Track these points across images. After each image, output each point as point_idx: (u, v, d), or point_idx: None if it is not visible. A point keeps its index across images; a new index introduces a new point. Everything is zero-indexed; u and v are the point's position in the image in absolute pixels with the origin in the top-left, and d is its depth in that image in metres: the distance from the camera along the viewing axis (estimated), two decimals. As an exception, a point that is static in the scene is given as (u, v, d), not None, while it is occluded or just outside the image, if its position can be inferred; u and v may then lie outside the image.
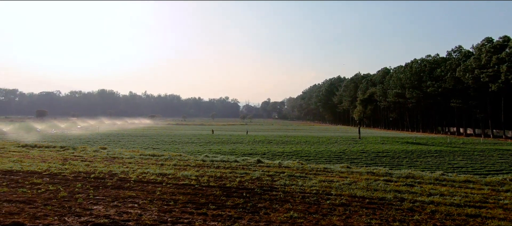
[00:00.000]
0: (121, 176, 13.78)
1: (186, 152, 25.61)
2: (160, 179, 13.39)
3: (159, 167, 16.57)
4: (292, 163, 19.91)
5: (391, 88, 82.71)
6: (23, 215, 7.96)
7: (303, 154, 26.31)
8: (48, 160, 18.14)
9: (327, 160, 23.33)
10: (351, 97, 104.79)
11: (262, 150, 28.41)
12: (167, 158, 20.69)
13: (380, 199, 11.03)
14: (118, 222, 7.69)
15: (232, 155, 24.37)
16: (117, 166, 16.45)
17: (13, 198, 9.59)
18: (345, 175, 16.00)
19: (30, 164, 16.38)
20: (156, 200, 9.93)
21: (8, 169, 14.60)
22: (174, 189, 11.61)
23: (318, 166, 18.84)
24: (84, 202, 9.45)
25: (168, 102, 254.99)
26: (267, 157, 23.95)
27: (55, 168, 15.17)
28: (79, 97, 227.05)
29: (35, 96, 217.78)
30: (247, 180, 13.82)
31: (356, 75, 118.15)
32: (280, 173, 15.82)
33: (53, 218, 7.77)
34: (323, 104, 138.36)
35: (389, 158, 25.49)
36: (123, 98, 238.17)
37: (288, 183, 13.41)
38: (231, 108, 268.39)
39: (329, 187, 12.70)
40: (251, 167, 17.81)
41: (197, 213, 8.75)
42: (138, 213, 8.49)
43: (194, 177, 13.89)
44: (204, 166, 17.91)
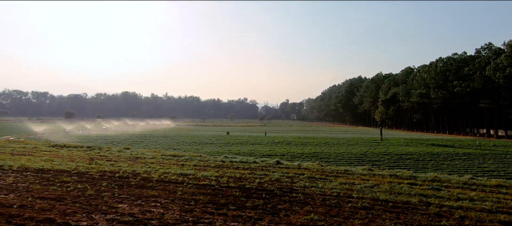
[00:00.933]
0: (144, 175, 14.17)
1: (206, 153, 25.96)
2: (181, 179, 13.64)
3: (180, 168, 16.89)
4: (312, 164, 19.68)
5: (414, 88, 79.88)
6: (54, 211, 8.38)
7: (323, 156, 25.94)
8: (76, 160, 18.98)
9: (347, 162, 22.87)
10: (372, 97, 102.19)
11: (281, 152, 28.29)
12: (188, 159, 21.07)
13: (404, 203, 10.67)
14: (142, 220, 7.92)
15: (251, 156, 24.44)
16: (140, 166, 16.94)
17: (45, 195, 10.11)
18: (366, 178, 15.61)
19: (60, 163, 17.20)
20: (177, 200, 10.14)
21: (40, 167, 15.41)
22: (194, 189, 11.80)
23: (338, 168, 18.51)
24: (109, 200, 9.81)
25: (188, 103, 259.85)
26: (286, 159, 23.82)
27: (82, 167, 15.84)
28: (104, 99, 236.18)
29: (64, 98, 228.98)
30: (267, 181, 13.80)
31: (377, 75, 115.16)
32: (299, 175, 15.68)
33: (81, 215, 8.12)
34: (343, 105, 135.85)
35: (413, 160, 24.62)
36: (145, 100, 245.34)
37: (308, 185, 13.26)
38: (250, 109, 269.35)
39: (350, 190, 12.43)
40: (270, 169, 17.78)
41: (218, 213, 8.84)
42: (161, 212, 8.69)
43: (214, 178, 14.05)
44: (223, 166, 18.08)
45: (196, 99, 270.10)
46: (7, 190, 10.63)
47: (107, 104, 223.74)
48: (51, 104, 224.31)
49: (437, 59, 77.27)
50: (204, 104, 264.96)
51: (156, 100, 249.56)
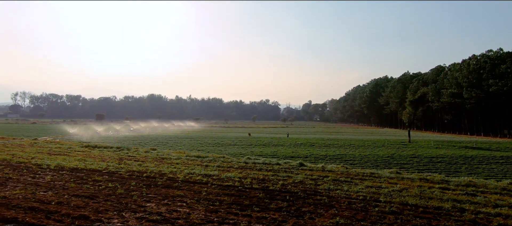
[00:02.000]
0: (169, 176, 14.57)
1: (229, 154, 26.23)
2: (206, 179, 13.88)
3: (204, 168, 17.19)
4: (336, 167, 19.29)
5: (445, 87, 76.05)
6: (88, 209, 8.83)
7: (348, 158, 25.35)
8: (107, 160, 19.87)
9: (373, 165, 22.18)
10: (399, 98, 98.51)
11: (304, 153, 27.98)
12: (211, 160, 21.39)
13: (435, 208, 10.17)
14: (169, 219, 8.15)
15: (273, 157, 24.38)
16: (166, 166, 17.43)
17: (79, 193, 10.68)
18: (394, 181, 15.05)
19: (92, 162, 18.10)
20: (202, 200, 10.32)
21: (74, 167, 16.30)
22: (219, 190, 11.96)
23: (364, 171, 18.00)
24: (138, 199, 10.17)
25: (211, 105, 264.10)
26: (309, 161, 23.52)
27: (112, 167, 16.55)
28: (132, 102, 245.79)
29: (95, 101, 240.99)
30: (290, 183, 13.71)
31: (404, 74, 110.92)
32: (323, 177, 15.43)
33: (113, 213, 8.50)
34: (368, 106, 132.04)
35: (444, 164, 23.42)
36: (170, 102, 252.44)
37: (333, 187, 13.01)
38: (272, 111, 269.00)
39: (377, 194, 12.05)
40: (294, 170, 17.63)
41: (242, 214, 8.90)
42: (187, 212, 8.89)
43: (238, 179, 14.16)
44: (246, 168, 18.17)
45: (219, 101, 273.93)
46: (45, 188, 11.34)
47: (134, 106, 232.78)
48: (83, 106, 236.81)
49: (470, 56, 73.12)
50: (227, 106, 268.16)
51: (180, 102, 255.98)
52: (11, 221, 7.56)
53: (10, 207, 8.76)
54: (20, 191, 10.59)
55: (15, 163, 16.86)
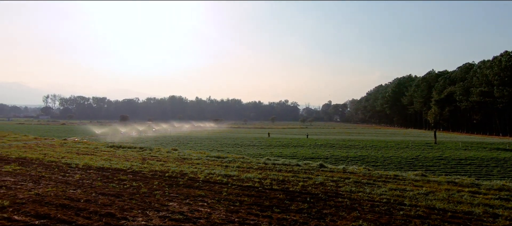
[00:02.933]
0: (190, 176, 14.83)
1: (248, 155, 26.32)
2: (226, 180, 14.00)
3: (224, 169, 17.35)
4: (358, 168, 18.84)
5: (474, 86, 72.34)
6: (114, 207, 9.16)
7: (370, 160, 24.71)
8: (130, 159, 20.53)
9: (397, 167, 21.48)
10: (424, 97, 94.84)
11: (324, 154, 27.57)
12: (231, 160, 21.55)
13: (465, 213, 9.69)
14: (191, 219, 8.29)
15: (293, 158, 24.20)
16: (187, 166, 17.75)
17: (106, 192, 11.10)
18: (420, 184, 14.50)
19: (117, 162, 18.76)
20: (223, 200, 10.42)
21: (101, 166, 16.98)
22: (239, 191, 12.02)
23: (387, 173, 17.47)
24: (161, 198, 10.43)
25: (230, 106, 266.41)
26: (330, 162, 23.15)
27: (136, 166, 17.08)
28: (154, 103, 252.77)
29: (119, 103, 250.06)
30: (310, 184, 13.55)
31: (429, 73, 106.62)
32: (345, 179, 15.13)
33: (137, 211, 8.76)
34: (390, 106, 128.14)
35: (474, 166, 22.27)
36: (190, 103, 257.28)
37: (355, 189, 12.73)
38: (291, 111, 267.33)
39: (401, 197, 11.65)
40: (314, 172, 17.42)
41: (262, 215, 8.89)
42: (208, 211, 9.01)
43: (257, 180, 14.18)
44: (266, 169, 18.15)
45: (238, 102, 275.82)
46: (75, 186, 11.89)
47: (156, 108, 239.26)
48: (108, 108, 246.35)
49: (502, 53, 69.12)
50: (246, 107, 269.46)
51: (200, 103, 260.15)
52: (44, 217, 7.98)
53: (43, 203, 9.25)
54: (52, 189, 11.16)
55: (47, 162, 17.79)
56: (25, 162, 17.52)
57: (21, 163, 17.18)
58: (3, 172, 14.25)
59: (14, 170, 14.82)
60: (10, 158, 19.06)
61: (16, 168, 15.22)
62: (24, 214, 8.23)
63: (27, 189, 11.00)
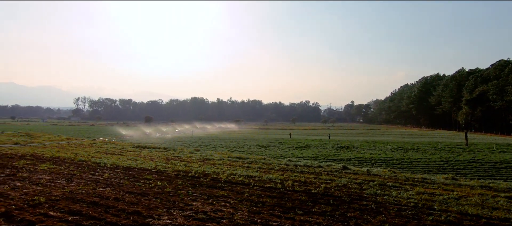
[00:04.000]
0: (213, 176, 15.02)
1: (270, 156, 26.27)
2: (247, 181, 14.05)
3: (246, 169, 17.43)
4: (383, 171, 18.26)
5: (510, 84, 67.93)
6: (141, 205, 9.47)
7: (395, 162, 23.86)
8: (155, 159, 21.14)
9: (425, 170, 20.58)
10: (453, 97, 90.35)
11: (347, 156, 26.96)
12: (252, 161, 21.62)
13: (502, 220, 9.11)
14: (214, 219, 8.40)
15: (315, 160, 23.87)
16: (209, 167, 18.01)
17: (133, 190, 11.50)
18: (450, 188, 13.81)
19: (142, 162, 19.39)
20: (245, 201, 10.47)
21: (127, 165, 17.61)
22: (260, 192, 12.03)
23: (414, 176, 16.79)
24: (185, 198, 10.65)
25: (251, 107, 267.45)
26: (353, 164, 22.61)
27: (160, 166, 17.56)
28: (176, 105, 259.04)
29: (144, 104, 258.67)
30: (333, 186, 13.30)
31: (459, 71, 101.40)
32: (369, 181, 14.71)
33: (162, 210, 9.00)
34: (416, 106, 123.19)
35: (511, 170, 20.88)
36: (211, 105, 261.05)
37: (380, 192, 12.34)
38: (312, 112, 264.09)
39: (430, 201, 11.15)
40: (337, 174, 17.09)
41: (285, 217, 8.84)
42: (231, 212, 9.09)
43: (279, 181, 14.12)
44: (287, 170, 18.04)
45: (259, 103, 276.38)
46: (104, 184, 12.41)
47: (178, 109, 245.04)
48: (134, 110, 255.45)
49: (541, 49, 64.35)
50: (266, 108, 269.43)
51: (221, 104, 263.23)
52: (76, 214, 8.40)
53: (76, 201, 9.74)
54: (83, 187, 11.72)
55: (78, 161, 18.72)
56: (58, 161, 18.52)
57: (54, 162, 18.19)
58: (39, 170, 15.16)
59: (49, 168, 15.72)
60: (45, 157, 20.24)
61: (51, 167, 16.13)
62: (58, 210, 8.70)
63: (60, 187, 11.62)
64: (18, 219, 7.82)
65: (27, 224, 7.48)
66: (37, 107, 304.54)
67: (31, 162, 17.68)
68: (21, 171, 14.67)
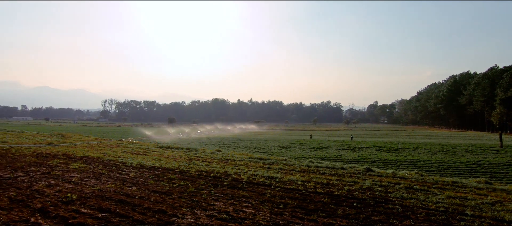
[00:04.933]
0: (234, 176, 15.14)
1: (291, 157, 26.09)
2: (268, 182, 14.03)
3: (267, 171, 17.42)
4: (409, 173, 17.59)
5: (550, 82, 63.24)
6: (165, 204, 9.73)
7: (422, 164, 22.91)
8: (178, 160, 21.63)
9: (455, 173, 19.60)
10: (486, 96, 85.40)
11: (371, 158, 26.23)
12: (273, 162, 21.57)
13: (543, 228, 8.47)
14: (236, 219, 8.46)
15: (337, 161, 23.43)
16: (230, 167, 18.17)
17: (157, 189, 11.84)
18: (483, 193, 13.05)
19: (166, 162, 19.90)
20: (266, 202, 10.46)
21: (152, 165, 18.15)
22: (282, 193, 11.97)
23: (443, 179, 16.03)
24: (207, 197, 10.82)
25: (271, 108, 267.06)
26: (377, 166, 21.96)
27: (183, 166, 17.94)
28: (198, 106, 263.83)
29: (167, 106, 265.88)
30: (357, 189, 12.98)
31: (491, 69, 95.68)
32: (394, 184, 14.22)
33: (186, 209, 9.20)
34: (445, 106, 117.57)
35: (552, 174, 19.39)
36: (232, 106, 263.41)
37: (406, 196, 11.89)
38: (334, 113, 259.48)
39: (462, 206, 10.60)
40: (360, 176, 16.67)
41: (307, 219, 8.74)
42: (252, 212, 9.12)
43: (301, 182, 13.98)
44: (309, 171, 17.83)
45: (279, 103, 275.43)
46: (130, 183, 12.87)
47: (200, 110, 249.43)
48: (157, 111, 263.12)
49: None
50: (287, 109, 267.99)
51: (242, 105, 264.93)
52: (105, 211, 8.78)
53: (105, 198, 10.17)
54: (111, 185, 12.22)
55: (106, 161, 19.54)
56: (88, 160, 19.44)
57: (85, 161, 19.11)
58: (71, 169, 15.98)
59: (80, 167, 16.54)
60: (76, 156, 21.31)
61: (81, 166, 16.97)
62: (89, 207, 9.13)
63: (90, 185, 12.19)
64: (53, 215, 8.29)
65: (61, 220, 7.91)
66: (68, 109, 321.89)
67: (63, 161, 18.68)
68: (55, 169, 15.53)
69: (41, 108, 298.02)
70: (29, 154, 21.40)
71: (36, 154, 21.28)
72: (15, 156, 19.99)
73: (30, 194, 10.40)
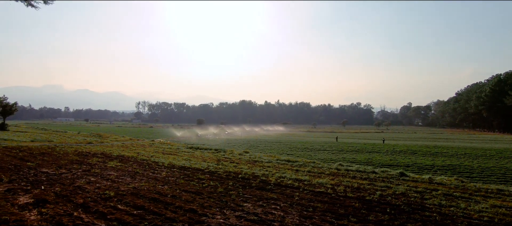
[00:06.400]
0: (262, 178, 15.16)
1: (319, 160, 25.63)
2: (297, 184, 13.88)
3: (295, 173, 17.24)
4: (448, 179, 16.54)
5: None
6: (195, 203, 9.97)
7: (463, 170, 21.44)
8: (207, 160, 22.10)
9: (501, 180, 18.11)
10: (536, 96, 78.03)
11: (405, 162, 25.02)
12: (301, 165, 21.31)
13: None
14: (265, 221, 8.46)
15: (368, 165, 22.63)
16: (258, 169, 18.22)
17: (188, 189, 12.17)
18: (535, 203, 11.91)
19: (195, 162, 20.41)
20: (295, 205, 10.35)
21: (182, 165, 18.70)
22: (311, 196, 11.78)
23: (487, 187, 14.88)
24: (236, 198, 10.93)
25: (299, 109, 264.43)
26: (411, 170, 20.91)
27: (212, 167, 18.29)
28: (226, 108, 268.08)
29: (196, 108, 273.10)
30: (390, 194, 12.44)
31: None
32: (431, 190, 13.45)
33: (215, 209, 9.36)
34: (488, 107, 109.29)
35: None
36: (259, 107, 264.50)
37: (445, 203, 11.18)
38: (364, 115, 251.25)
39: (509, 216, 9.76)
40: (393, 180, 15.96)
41: (338, 223, 8.52)
42: (281, 215, 9.06)
43: (330, 186, 13.67)
44: (338, 175, 17.40)
45: (307, 105, 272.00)
46: (162, 182, 13.36)
47: (227, 112, 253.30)
48: (187, 112, 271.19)
49: None
50: (315, 110, 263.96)
51: (269, 107, 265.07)
52: (140, 208, 9.18)
53: (139, 196, 10.65)
54: (145, 184, 12.76)
55: (140, 160, 20.46)
56: (124, 159, 20.47)
57: (120, 160, 20.14)
58: (108, 167, 16.92)
59: (116, 166, 17.46)
60: (112, 155, 22.54)
61: (117, 164, 17.91)
62: (125, 204, 9.60)
63: (126, 183, 12.82)
64: (93, 210, 8.82)
65: (100, 215, 8.39)
66: (105, 110, 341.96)
67: (101, 159, 19.84)
68: (94, 167, 16.53)
69: (81, 109, 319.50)
70: (71, 152, 22.98)
71: (77, 153, 22.80)
72: (59, 154, 21.57)
73: (73, 190, 11.15)
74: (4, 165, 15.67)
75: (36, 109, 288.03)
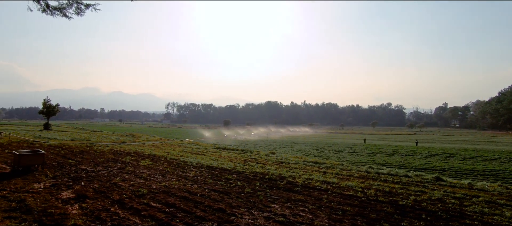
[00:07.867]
0: (289, 179, 15.05)
1: (347, 162, 24.98)
2: (325, 187, 13.62)
3: (322, 175, 16.93)
4: (490, 185, 15.40)
5: None
6: (224, 203, 10.12)
7: (507, 176, 19.88)
8: (234, 160, 22.35)
9: (552, 187, 16.52)
10: None
11: (441, 166, 23.65)
12: (329, 167, 20.88)
13: None
14: (294, 223, 8.39)
15: (400, 168, 21.67)
16: (285, 170, 18.11)
17: (216, 188, 12.39)
18: None
19: (223, 162, 20.72)
20: (324, 208, 10.16)
21: (210, 165, 19.07)
22: (340, 199, 11.51)
23: (536, 194, 13.64)
24: (263, 199, 10.95)
25: (326, 110, 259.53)
26: (448, 175, 19.73)
27: (239, 167, 18.46)
28: (252, 108, 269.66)
29: (223, 108, 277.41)
30: (425, 199, 11.81)
31: None
32: (472, 197, 12.59)
33: (243, 209, 9.44)
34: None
35: None
36: (285, 108, 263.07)
37: (487, 211, 10.42)
38: (395, 116, 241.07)
39: None
40: (428, 185, 15.14)
41: (369, 228, 8.24)
42: (310, 217, 8.94)
43: (360, 189, 13.27)
44: (368, 178, 16.83)
45: (334, 106, 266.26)
46: (191, 181, 13.71)
47: (253, 112, 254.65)
48: (214, 113, 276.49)
49: None
50: (342, 111, 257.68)
51: (295, 108, 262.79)
52: (171, 206, 9.50)
53: (170, 194, 11.02)
54: (175, 182, 13.18)
55: (170, 159, 21.15)
56: (155, 158, 21.28)
57: (152, 159, 20.96)
58: (141, 165, 17.68)
59: (148, 164, 18.20)
60: (144, 154, 23.52)
61: (149, 163, 18.66)
62: (157, 201, 9.98)
63: (157, 181, 13.32)
64: (128, 206, 9.27)
65: (135, 212, 8.79)
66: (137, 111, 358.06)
67: (134, 158, 20.77)
68: (128, 165, 17.35)
69: (115, 110, 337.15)
70: (107, 151, 24.30)
71: (112, 152, 24.06)
72: (96, 152, 22.89)
73: (109, 186, 11.78)
74: (49, 162, 16.93)
75: (75, 110, 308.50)
